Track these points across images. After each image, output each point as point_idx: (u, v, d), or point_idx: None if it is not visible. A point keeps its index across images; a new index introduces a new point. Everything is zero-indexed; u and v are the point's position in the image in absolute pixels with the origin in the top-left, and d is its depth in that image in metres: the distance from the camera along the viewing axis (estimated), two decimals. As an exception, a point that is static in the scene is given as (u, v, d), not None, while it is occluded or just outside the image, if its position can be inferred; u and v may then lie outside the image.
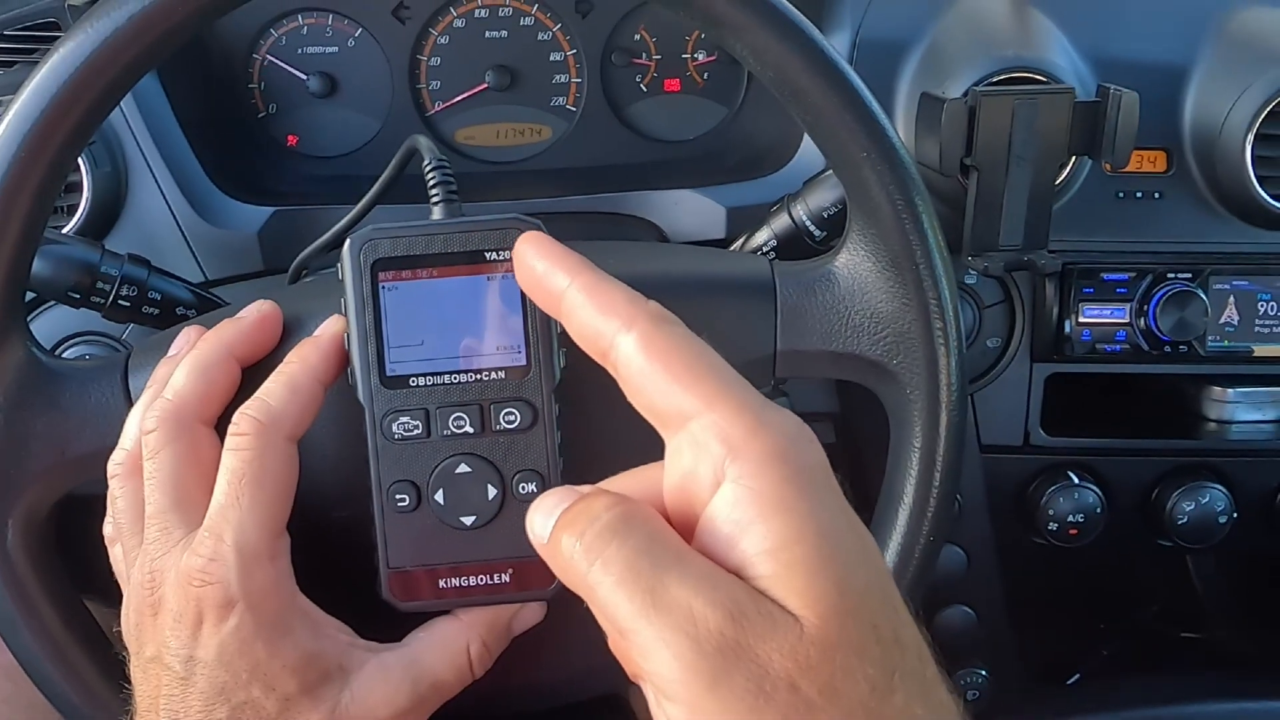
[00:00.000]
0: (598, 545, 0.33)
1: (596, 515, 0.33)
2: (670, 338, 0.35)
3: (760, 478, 0.32)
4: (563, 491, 0.36)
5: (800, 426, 0.34)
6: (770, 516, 0.32)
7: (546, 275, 0.38)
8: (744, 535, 0.32)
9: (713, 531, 0.33)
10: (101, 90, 0.47)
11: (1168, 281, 0.80)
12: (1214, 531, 0.84)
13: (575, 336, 0.38)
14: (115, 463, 0.48)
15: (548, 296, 0.39)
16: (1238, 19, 0.82)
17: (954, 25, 0.80)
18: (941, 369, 0.52)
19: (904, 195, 0.51)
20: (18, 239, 0.48)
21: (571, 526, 0.34)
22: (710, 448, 0.33)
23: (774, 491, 0.32)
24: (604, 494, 0.35)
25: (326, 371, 0.48)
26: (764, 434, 0.33)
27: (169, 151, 0.79)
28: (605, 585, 0.32)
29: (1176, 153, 0.81)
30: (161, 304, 0.64)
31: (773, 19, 0.49)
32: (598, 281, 0.37)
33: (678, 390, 0.34)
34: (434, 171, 0.53)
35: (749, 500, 0.32)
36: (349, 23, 0.89)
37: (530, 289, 0.40)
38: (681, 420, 0.34)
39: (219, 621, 0.43)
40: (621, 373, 0.36)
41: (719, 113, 0.93)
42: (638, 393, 0.36)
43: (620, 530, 0.33)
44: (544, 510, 0.35)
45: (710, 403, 0.34)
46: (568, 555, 0.33)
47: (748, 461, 0.33)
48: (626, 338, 0.35)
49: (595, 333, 0.36)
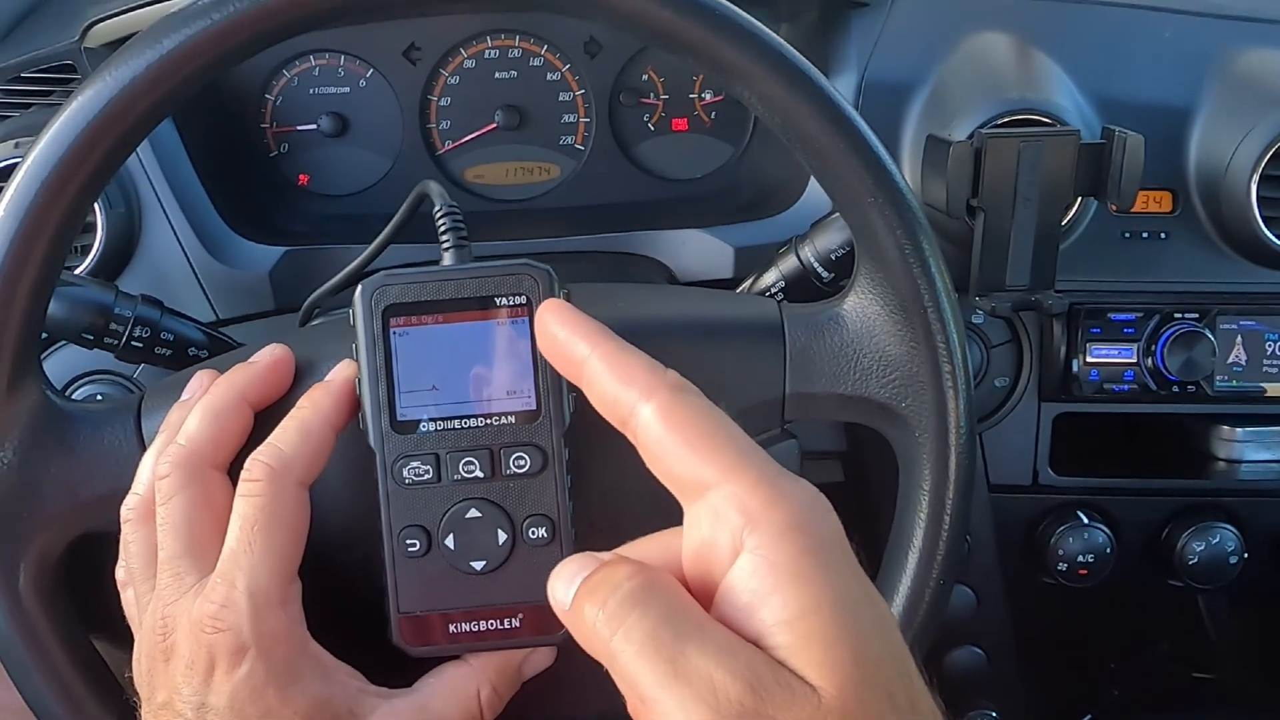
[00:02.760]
0: (620, 614, 0.33)
1: (618, 584, 0.34)
2: (689, 408, 0.36)
3: (778, 549, 0.33)
4: (583, 559, 0.36)
5: (816, 497, 0.35)
6: (788, 587, 0.32)
7: (568, 344, 0.40)
8: (762, 605, 0.33)
9: (731, 601, 0.33)
10: (118, 137, 0.48)
11: (1175, 321, 0.80)
12: (1225, 572, 0.83)
13: (595, 404, 0.39)
14: (128, 508, 0.49)
15: (568, 364, 0.40)
16: (1241, 61, 0.83)
17: (959, 68, 0.81)
18: (950, 412, 0.53)
19: (911, 239, 0.51)
20: (35, 283, 0.49)
21: (594, 595, 0.34)
22: (729, 518, 0.34)
23: (791, 563, 0.33)
24: (625, 562, 0.35)
25: (338, 416, 0.48)
26: (781, 505, 0.34)
27: (182, 191, 0.80)
28: (627, 654, 0.32)
29: (1182, 193, 0.81)
30: (174, 344, 0.65)
31: (779, 66, 0.50)
32: (617, 351, 0.38)
33: (696, 460, 0.35)
34: (444, 218, 0.53)
35: (766, 571, 0.33)
36: (360, 63, 0.90)
37: (551, 356, 0.41)
38: (700, 490, 0.35)
39: (231, 668, 0.43)
40: (641, 441, 0.37)
41: (726, 152, 0.94)
42: (656, 461, 0.36)
43: (642, 599, 0.33)
44: (565, 578, 0.36)
45: (728, 473, 0.34)
46: (590, 624, 0.34)
47: (765, 533, 0.33)
48: (646, 407, 0.36)
49: (615, 401, 0.37)
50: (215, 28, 0.47)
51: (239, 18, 0.46)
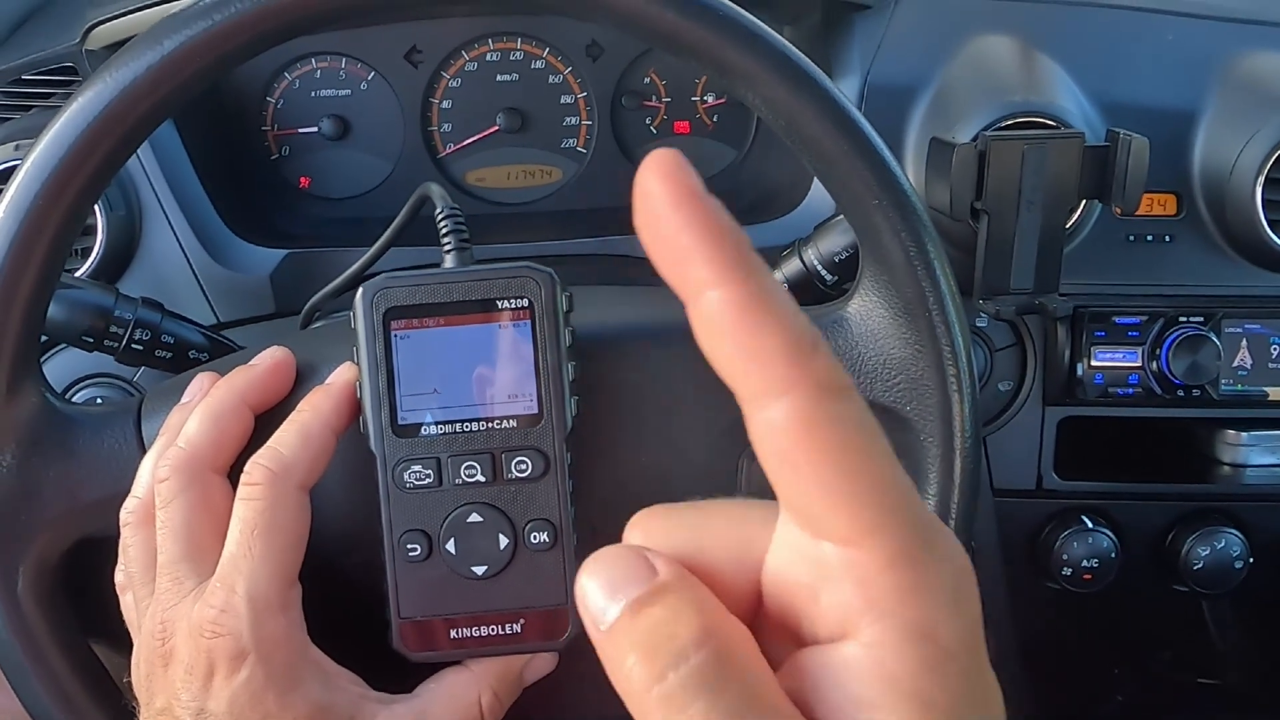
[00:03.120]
0: (682, 699, 0.25)
1: (683, 653, 0.25)
2: (832, 424, 0.25)
3: (899, 657, 0.25)
4: (632, 564, 0.27)
5: (963, 578, 0.26)
6: (901, 708, 0.25)
7: (685, 259, 0.25)
8: (861, 714, 0.25)
9: (824, 691, 0.26)
10: (118, 139, 0.48)
11: (1180, 325, 0.80)
12: (1229, 577, 0.83)
13: (709, 358, 0.26)
14: (128, 511, 0.48)
15: (680, 282, 0.26)
16: (1245, 63, 0.83)
17: (962, 70, 0.81)
18: (955, 415, 0.52)
19: (916, 242, 0.51)
20: (34, 286, 0.49)
21: (648, 654, 0.25)
22: (843, 591, 0.26)
23: (912, 679, 0.25)
24: (689, 605, 0.26)
25: (339, 420, 0.48)
26: (917, 600, 0.25)
27: (183, 194, 0.80)
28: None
29: (1187, 196, 0.81)
30: (174, 347, 0.64)
31: (783, 68, 0.49)
32: (756, 299, 0.25)
33: (824, 503, 0.25)
34: (446, 220, 0.53)
35: (877, 680, 0.25)
36: (362, 66, 0.90)
37: (657, 258, 0.26)
38: (816, 532, 0.26)
39: (230, 673, 0.43)
40: (757, 439, 0.26)
41: (729, 155, 0.94)
42: (772, 474, 0.26)
43: (712, 684, 0.25)
44: (604, 585, 0.27)
45: (862, 536, 0.25)
46: (639, 692, 0.25)
47: (889, 631, 0.25)
48: (778, 406, 0.25)
49: (738, 375, 0.25)
50: (216, 29, 0.46)
51: (240, 19, 0.46)
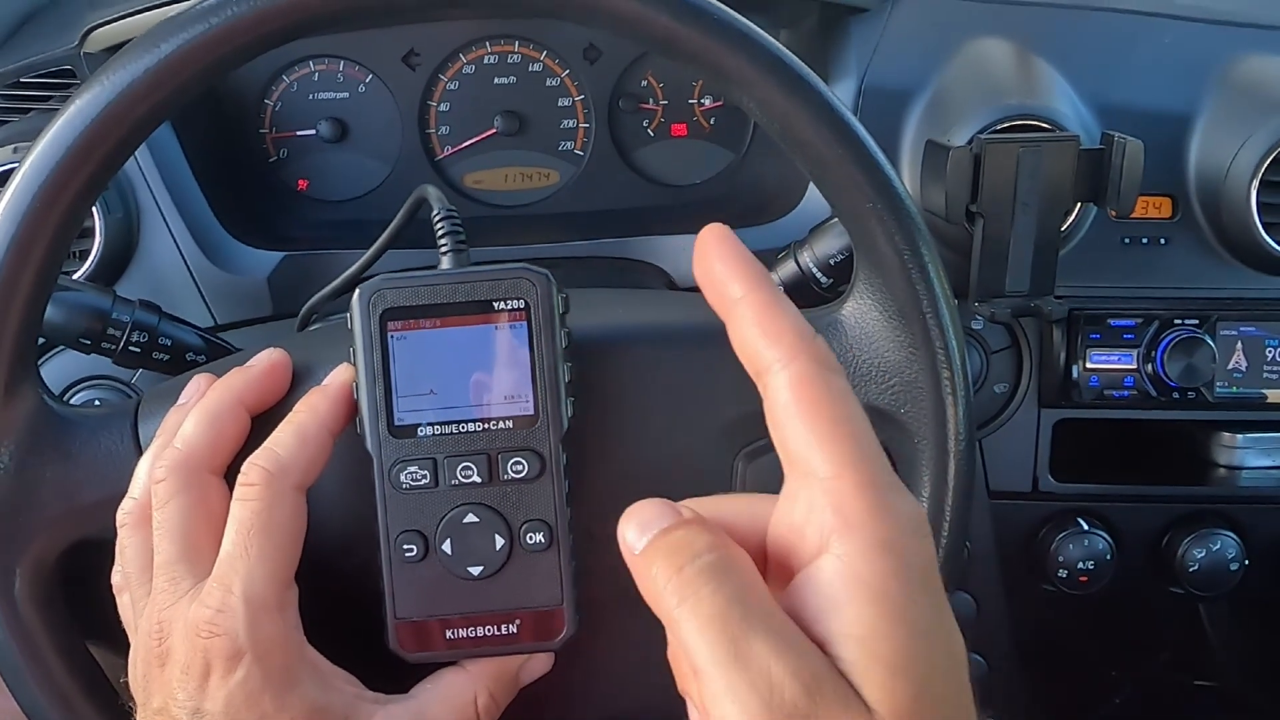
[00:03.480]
0: (694, 584, 0.32)
1: (698, 553, 0.33)
2: (824, 387, 0.34)
3: (865, 562, 0.32)
4: (661, 506, 0.35)
5: (918, 520, 0.34)
6: (866, 603, 0.32)
7: (722, 281, 0.37)
8: (836, 613, 0.32)
9: (804, 599, 0.33)
10: (116, 142, 0.48)
11: (1175, 327, 0.80)
12: (1225, 579, 0.83)
13: (735, 348, 0.37)
14: (124, 512, 0.48)
15: (719, 300, 0.37)
16: (1241, 67, 0.83)
17: (958, 73, 0.81)
18: (949, 418, 0.52)
19: (910, 246, 0.51)
20: (32, 288, 0.49)
21: (670, 557, 0.33)
22: (824, 514, 0.33)
23: (876, 579, 0.32)
24: (706, 529, 0.34)
25: (335, 421, 0.48)
26: (880, 519, 0.32)
27: (180, 197, 0.80)
28: (691, 625, 0.32)
29: (1182, 199, 0.81)
30: (172, 350, 0.64)
31: (778, 72, 0.49)
32: (771, 303, 0.36)
33: (812, 443, 0.33)
34: (443, 222, 0.53)
35: (849, 580, 0.32)
36: (360, 69, 0.91)
37: (704, 287, 0.38)
38: (806, 473, 0.34)
39: (227, 673, 0.43)
40: (768, 403, 0.35)
41: (725, 158, 0.94)
42: (776, 427, 0.35)
43: (718, 575, 0.32)
44: (639, 521, 0.35)
45: (839, 470, 0.33)
46: (658, 583, 0.33)
47: (856, 543, 0.32)
48: (783, 372, 0.34)
49: (755, 355, 0.35)
50: (213, 32, 0.47)
51: (237, 22, 0.46)
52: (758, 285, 0.36)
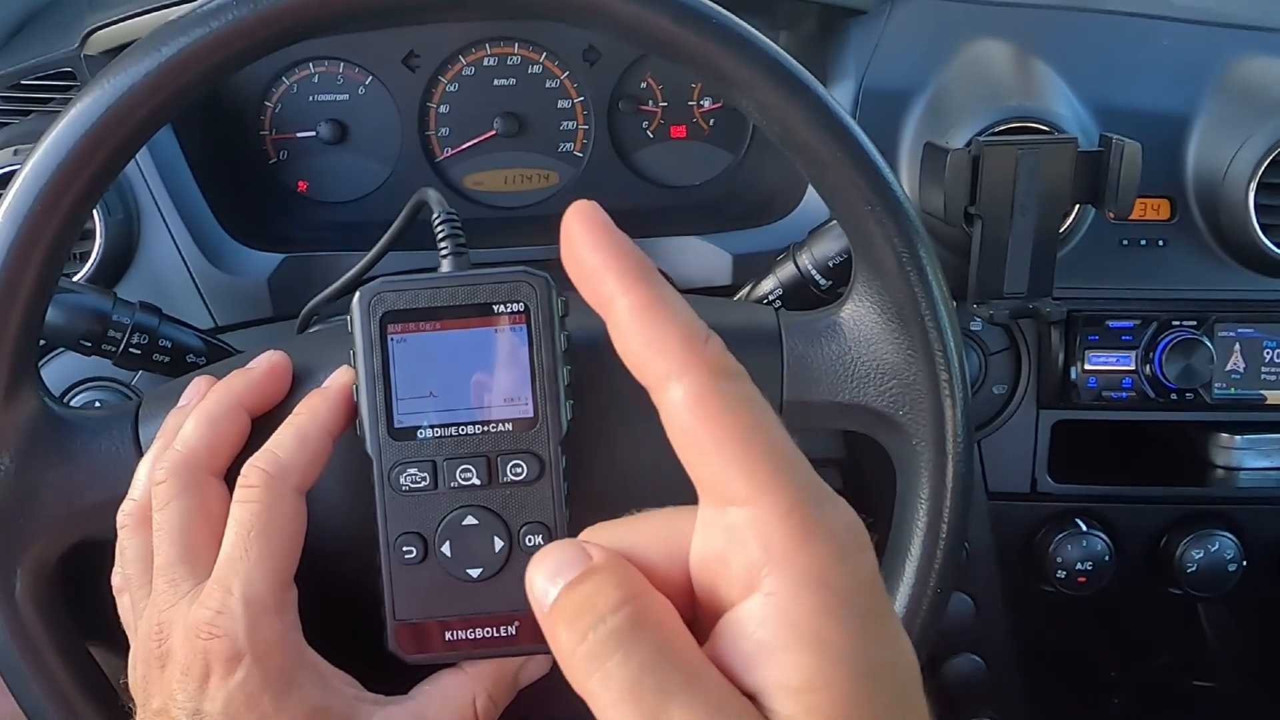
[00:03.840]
0: (600, 654, 0.28)
1: (602, 616, 0.29)
2: (725, 399, 0.29)
3: (797, 601, 0.28)
4: (570, 552, 0.31)
5: (853, 533, 0.29)
6: (801, 649, 0.28)
7: (595, 276, 0.31)
8: (769, 661, 0.28)
9: (733, 643, 0.29)
10: (117, 144, 0.48)
11: (1173, 329, 0.80)
12: (1224, 580, 0.83)
13: (622, 356, 0.31)
14: (124, 513, 0.49)
15: (595, 297, 0.31)
16: (1239, 69, 0.83)
17: (957, 75, 0.81)
18: (948, 420, 0.53)
19: (909, 248, 0.51)
20: (33, 291, 0.49)
21: (574, 623, 0.29)
22: (747, 546, 0.29)
23: (810, 621, 0.28)
24: (614, 579, 0.30)
25: (335, 423, 0.48)
26: (809, 548, 0.28)
27: (181, 198, 0.80)
28: (602, 700, 0.28)
29: (1180, 201, 0.81)
30: (172, 351, 0.65)
31: (777, 74, 0.50)
32: (653, 302, 0.30)
33: (722, 467, 0.29)
34: (442, 225, 0.53)
35: (778, 623, 0.28)
36: (360, 70, 0.91)
37: (577, 281, 0.32)
38: (722, 499, 0.29)
39: (226, 675, 0.43)
40: (666, 422, 0.30)
41: (725, 159, 0.94)
42: (680, 450, 0.30)
43: (627, 640, 0.28)
44: (546, 571, 0.30)
45: (756, 494, 0.29)
46: (567, 653, 0.29)
47: (786, 579, 0.28)
48: (676, 388, 0.29)
49: (642, 367, 0.30)
50: (214, 35, 0.47)
51: (238, 25, 0.47)
52: (637, 281, 0.30)
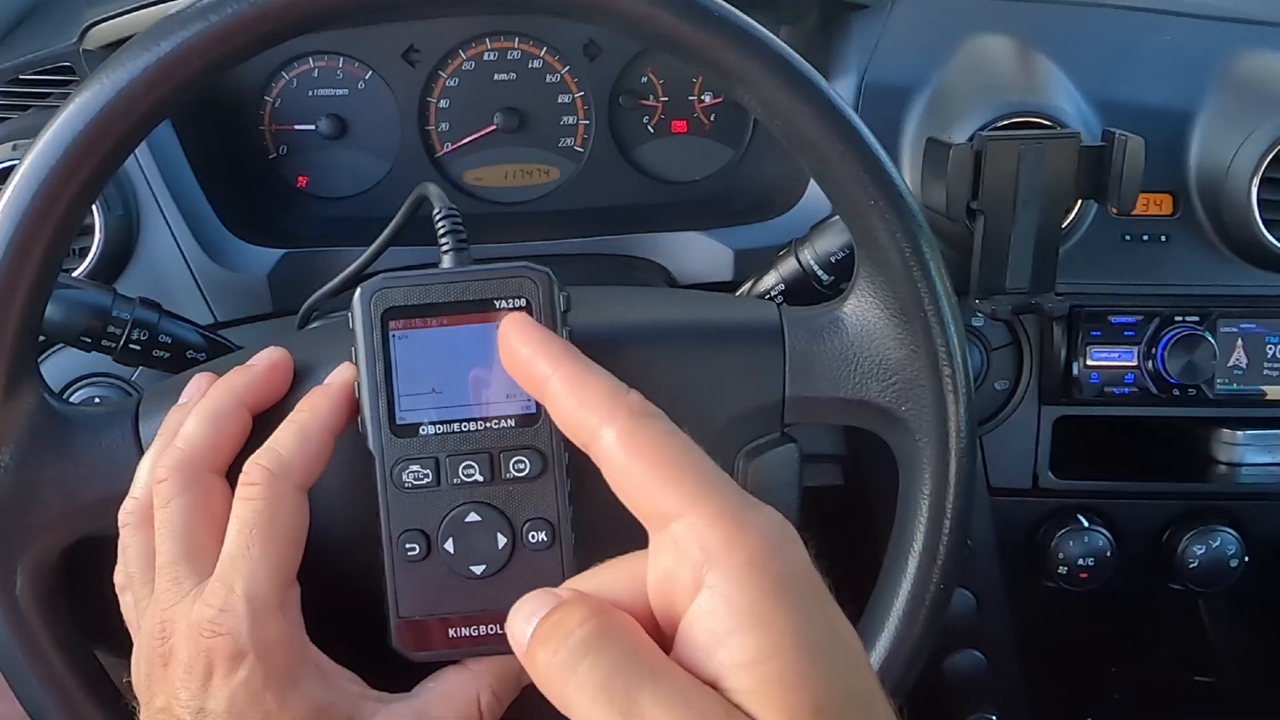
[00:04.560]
0: (572, 663, 0.32)
1: (571, 631, 0.33)
2: (650, 434, 0.35)
3: (737, 587, 0.32)
4: (540, 597, 0.35)
5: (781, 530, 0.34)
6: (747, 629, 0.32)
7: (529, 363, 0.39)
8: (721, 646, 0.32)
9: (690, 640, 0.33)
10: (116, 139, 0.48)
11: (1175, 324, 0.80)
12: (1225, 575, 0.83)
13: (560, 426, 0.38)
14: (126, 511, 0.48)
15: (530, 383, 0.39)
16: (1241, 63, 0.83)
17: (959, 70, 0.81)
18: (950, 416, 0.52)
19: (911, 243, 0.51)
20: (32, 286, 0.49)
21: (547, 642, 0.33)
22: (689, 552, 0.33)
23: (751, 603, 0.32)
24: (581, 604, 0.34)
25: (337, 420, 0.48)
26: (742, 541, 0.33)
27: (180, 194, 0.80)
28: (580, 704, 0.32)
29: (1182, 196, 0.81)
30: (172, 347, 0.64)
31: (780, 69, 0.49)
32: (578, 372, 0.38)
33: (657, 490, 0.34)
34: (444, 220, 0.53)
35: (726, 611, 0.32)
36: (359, 65, 0.90)
37: (514, 373, 0.40)
38: (663, 520, 0.34)
39: (229, 673, 0.43)
40: (604, 468, 0.36)
41: (726, 154, 0.94)
42: (620, 490, 0.35)
43: (595, 646, 0.32)
44: (523, 615, 0.35)
45: (689, 505, 0.33)
46: (544, 670, 0.33)
47: (725, 570, 0.32)
48: (607, 433, 0.35)
49: (576, 426, 0.37)
50: (213, 30, 0.46)
51: (237, 20, 0.46)
52: (561, 359, 0.38)
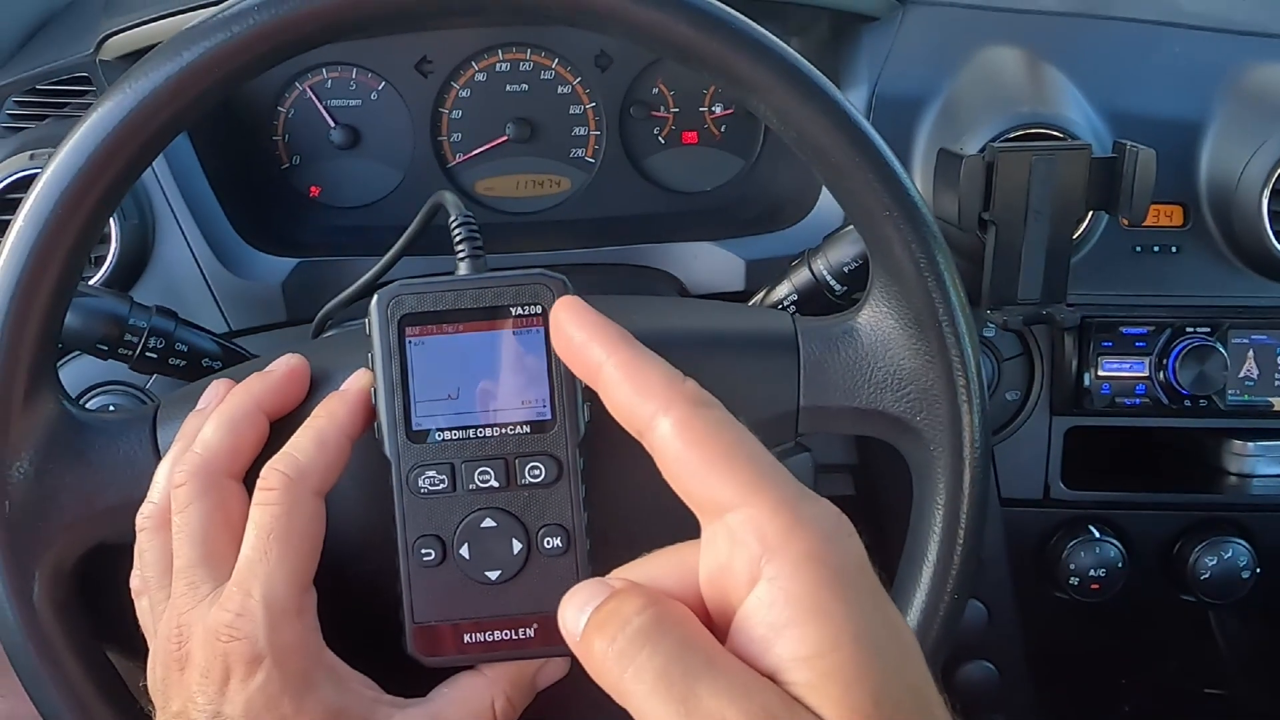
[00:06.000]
0: (630, 651, 0.32)
1: (628, 619, 0.33)
2: (708, 423, 0.35)
3: (796, 579, 0.32)
4: (594, 585, 0.35)
5: (838, 523, 0.33)
6: (806, 621, 0.31)
7: (584, 348, 0.38)
8: (779, 639, 0.32)
9: (748, 631, 0.32)
10: (137, 149, 0.48)
11: (1187, 335, 0.80)
12: (1237, 587, 0.83)
13: (613, 412, 0.37)
14: (144, 516, 0.49)
15: (584, 368, 0.39)
16: (1251, 75, 0.83)
17: (970, 82, 0.81)
18: (965, 426, 0.52)
19: (926, 253, 0.51)
20: (52, 295, 0.49)
21: (603, 630, 0.33)
22: (747, 544, 0.33)
23: (810, 595, 0.32)
24: (636, 593, 0.34)
25: (353, 426, 0.48)
26: (801, 532, 0.32)
27: (195, 203, 0.80)
28: (638, 694, 0.31)
29: (1193, 207, 0.82)
30: (188, 355, 0.65)
31: (794, 79, 0.50)
32: (635, 358, 0.37)
33: (714, 480, 0.34)
34: (460, 228, 0.53)
35: (784, 603, 0.32)
36: (372, 76, 0.91)
37: (567, 358, 0.40)
38: (718, 510, 0.34)
39: (246, 677, 0.43)
40: (658, 455, 0.35)
41: (736, 165, 0.94)
42: (674, 478, 0.35)
43: (653, 635, 0.32)
44: (575, 605, 0.34)
45: (747, 496, 0.33)
46: (601, 659, 0.33)
47: (784, 562, 0.32)
48: (664, 421, 0.35)
49: (631, 413, 0.36)
50: (234, 41, 0.47)
51: (259, 31, 0.47)
52: (618, 345, 0.37)
